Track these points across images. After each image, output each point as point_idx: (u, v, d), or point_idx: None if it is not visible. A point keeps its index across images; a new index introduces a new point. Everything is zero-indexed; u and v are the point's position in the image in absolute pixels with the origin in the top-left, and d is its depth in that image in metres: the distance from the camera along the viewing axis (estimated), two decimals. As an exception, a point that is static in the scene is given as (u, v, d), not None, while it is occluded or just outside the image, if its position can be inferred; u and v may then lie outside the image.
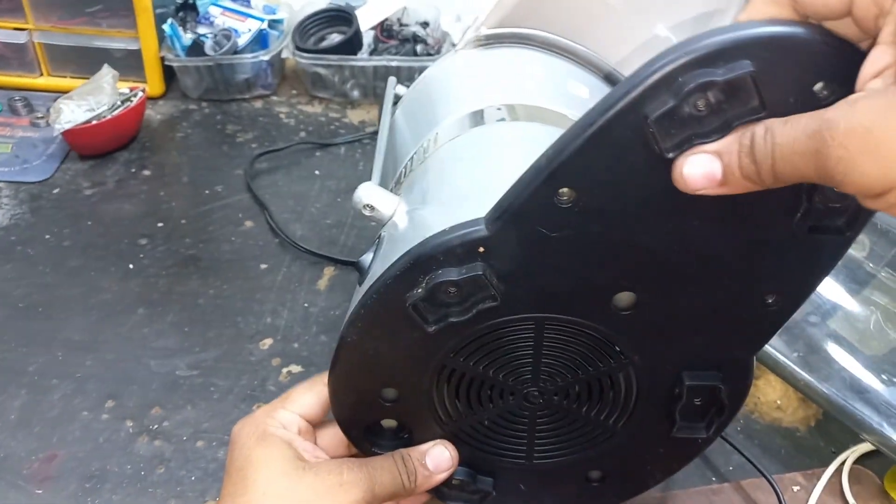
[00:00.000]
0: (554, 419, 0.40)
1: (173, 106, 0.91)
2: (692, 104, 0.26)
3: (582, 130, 0.28)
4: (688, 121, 0.26)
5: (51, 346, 0.60)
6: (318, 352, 0.61)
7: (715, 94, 0.26)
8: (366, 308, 0.34)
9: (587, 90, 0.50)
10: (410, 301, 0.33)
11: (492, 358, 0.37)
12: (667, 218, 0.30)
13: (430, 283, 0.32)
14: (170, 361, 0.60)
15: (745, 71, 0.25)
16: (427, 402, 0.39)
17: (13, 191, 0.77)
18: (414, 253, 0.33)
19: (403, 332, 0.35)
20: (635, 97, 0.27)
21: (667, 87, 0.26)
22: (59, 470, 0.51)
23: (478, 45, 0.54)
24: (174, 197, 0.77)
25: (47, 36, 0.89)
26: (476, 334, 0.35)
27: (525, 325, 0.36)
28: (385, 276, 0.33)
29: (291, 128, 0.89)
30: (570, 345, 0.37)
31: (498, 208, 0.31)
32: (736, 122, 0.26)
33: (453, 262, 0.32)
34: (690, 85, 0.25)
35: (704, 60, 0.25)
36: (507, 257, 0.32)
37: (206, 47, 0.89)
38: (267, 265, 0.69)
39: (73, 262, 0.69)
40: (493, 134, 0.43)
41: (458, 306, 0.34)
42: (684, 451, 0.43)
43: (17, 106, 0.87)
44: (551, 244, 0.31)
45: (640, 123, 0.27)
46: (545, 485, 0.44)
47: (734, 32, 0.25)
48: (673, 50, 0.26)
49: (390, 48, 0.93)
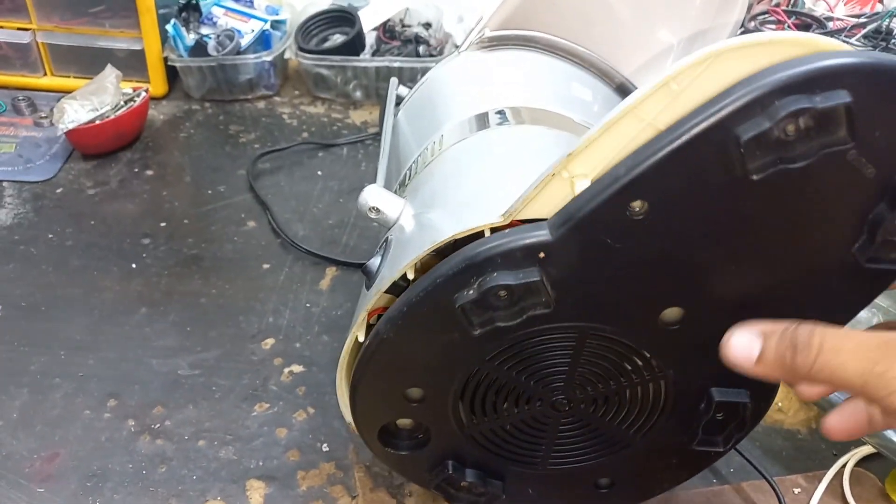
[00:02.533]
0: (575, 427, 0.40)
1: (176, 106, 0.91)
2: (782, 128, 0.26)
3: (665, 143, 0.27)
4: (775, 144, 0.26)
5: (53, 346, 0.60)
6: (319, 351, 0.61)
7: (806, 120, 0.25)
8: (410, 306, 0.33)
9: (590, 93, 0.51)
10: (459, 302, 0.32)
11: (527, 364, 0.36)
12: (734, 238, 0.30)
13: (484, 286, 0.31)
14: (171, 361, 0.60)
15: (842, 101, 0.25)
16: (451, 404, 0.38)
17: (16, 190, 0.77)
18: (469, 254, 0.32)
19: (445, 332, 0.34)
20: (727, 115, 0.26)
21: (761, 109, 0.26)
22: (61, 469, 0.51)
23: (481, 47, 0.54)
24: (177, 197, 0.77)
25: (51, 36, 0.89)
26: (518, 339, 0.35)
27: (568, 334, 0.35)
28: (435, 275, 0.32)
29: (294, 128, 0.89)
30: (608, 356, 0.36)
31: (565, 213, 0.30)
32: (823, 150, 0.26)
33: (510, 265, 0.31)
34: (788, 110, 0.25)
35: (802, 86, 0.25)
36: (566, 264, 0.31)
37: (209, 48, 0.89)
38: (269, 265, 0.69)
39: (75, 261, 0.69)
40: (498, 137, 0.43)
41: (506, 310, 0.33)
42: (696, 462, 0.43)
43: (20, 106, 0.88)
44: (613, 254, 0.31)
45: (728, 142, 0.26)
46: (554, 489, 0.44)
47: (833, 60, 0.25)
48: (770, 71, 0.26)
49: (393, 49, 0.94)
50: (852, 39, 0.88)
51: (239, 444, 0.54)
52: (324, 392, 0.58)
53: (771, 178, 0.27)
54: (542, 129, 0.43)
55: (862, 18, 0.91)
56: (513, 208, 0.33)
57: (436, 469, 0.42)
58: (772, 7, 0.94)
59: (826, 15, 0.93)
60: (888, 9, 0.91)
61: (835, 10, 0.94)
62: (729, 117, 0.26)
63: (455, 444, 0.41)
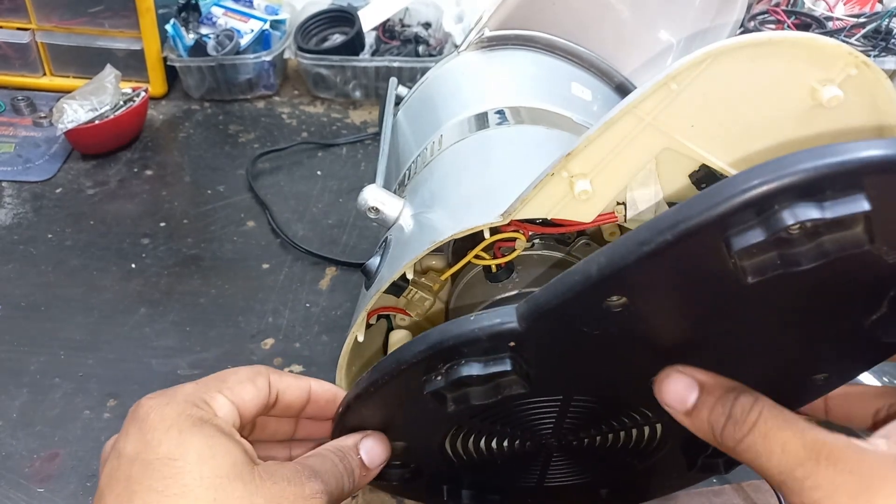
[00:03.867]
0: (570, 456, 0.39)
1: (175, 106, 0.91)
2: (786, 231, 0.21)
3: (643, 243, 0.23)
4: (775, 244, 0.22)
5: (52, 346, 0.60)
6: (319, 351, 0.61)
7: (814, 225, 0.21)
8: (376, 387, 0.31)
9: (590, 93, 0.50)
10: (428, 389, 0.30)
11: (511, 421, 0.35)
12: (729, 322, 0.27)
13: (452, 376, 0.29)
14: (171, 361, 0.60)
15: (860, 211, 0.20)
16: (437, 451, 0.37)
17: (16, 190, 0.77)
18: (433, 340, 0.29)
19: (418, 406, 0.32)
20: (715, 218, 0.22)
21: (757, 213, 0.21)
22: (61, 469, 0.51)
23: (480, 47, 0.54)
24: (176, 197, 0.77)
25: (50, 36, 0.89)
26: (497, 407, 0.33)
27: (552, 399, 0.33)
28: (399, 360, 0.30)
29: (293, 128, 0.89)
30: (598, 412, 0.35)
31: (534, 304, 0.27)
32: (834, 253, 0.21)
33: (478, 353, 0.29)
34: (788, 222, 0.21)
35: (809, 189, 0.20)
36: (540, 350, 0.29)
37: (208, 47, 0.89)
38: (268, 265, 0.69)
39: (74, 261, 0.69)
40: (497, 137, 0.43)
41: (480, 387, 0.30)
42: (697, 477, 0.43)
43: (20, 105, 0.88)
44: (590, 339, 0.28)
45: (717, 247, 0.22)
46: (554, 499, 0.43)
47: (848, 155, 0.20)
48: (769, 168, 0.21)
49: (392, 49, 0.94)
50: (852, 39, 0.88)
51: (238, 443, 0.54)
52: (323, 392, 0.58)
53: (770, 281, 0.23)
54: (542, 128, 0.43)
55: (861, 18, 0.91)
56: (512, 208, 0.33)
57: (432, 493, 0.41)
58: (771, 7, 0.94)
59: (825, 15, 0.93)
60: (888, 9, 0.91)
61: (834, 9, 0.94)
62: (719, 221, 0.22)
63: (447, 473, 0.40)
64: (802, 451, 0.23)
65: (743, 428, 0.25)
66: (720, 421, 0.26)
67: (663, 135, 0.31)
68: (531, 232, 0.38)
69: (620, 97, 0.54)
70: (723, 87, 0.30)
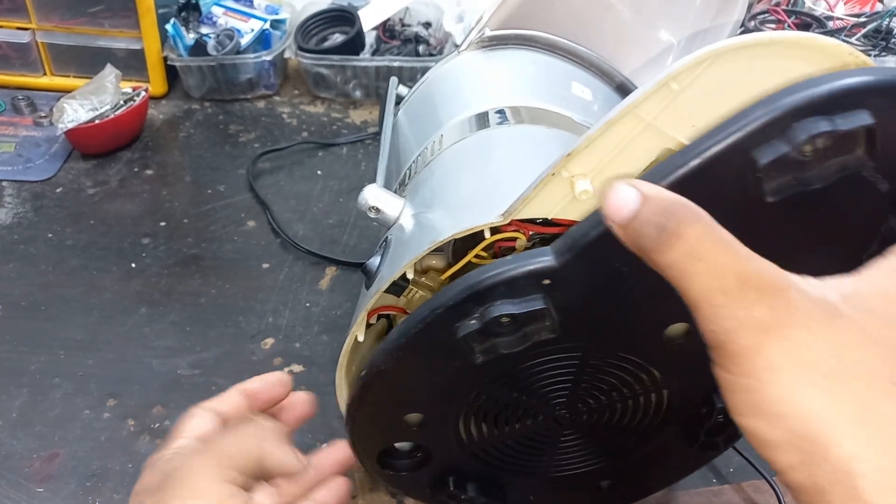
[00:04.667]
0: (577, 437, 0.40)
1: (176, 105, 0.91)
2: (800, 150, 0.24)
3: (679, 164, 0.26)
4: (792, 165, 0.25)
5: (52, 345, 0.60)
6: (319, 351, 0.61)
7: (824, 140, 0.24)
8: (407, 337, 0.32)
9: (590, 92, 0.50)
10: (462, 332, 0.31)
11: (530, 385, 0.36)
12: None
13: (487, 316, 0.30)
14: (171, 360, 0.60)
15: (864, 124, 0.24)
16: (452, 426, 0.38)
17: (16, 190, 0.77)
18: (471, 282, 0.30)
19: (446, 362, 0.33)
20: (744, 137, 0.25)
21: (780, 132, 0.25)
22: (61, 469, 0.51)
23: (481, 47, 0.54)
24: (176, 196, 0.77)
25: (50, 36, 0.89)
26: (521, 363, 0.34)
27: (573, 354, 0.34)
28: (434, 305, 0.31)
29: (294, 128, 0.89)
30: (612, 370, 0.36)
31: (570, 238, 0.29)
32: (840, 171, 0.25)
33: (513, 293, 0.30)
34: (808, 134, 0.24)
35: (822, 106, 0.24)
36: (572, 289, 0.30)
37: (208, 47, 0.89)
38: (269, 265, 0.69)
39: (75, 261, 0.69)
40: (498, 137, 0.43)
41: (509, 336, 0.31)
42: (692, 460, 0.43)
43: (20, 105, 0.88)
44: (620, 278, 0.29)
45: (745, 165, 0.25)
46: (555, 493, 0.43)
47: (853, 79, 0.24)
48: (787, 92, 0.24)
49: (392, 48, 0.94)
50: (852, 39, 0.88)
51: (239, 443, 0.54)
52: (323, 392, 0.57)
53: (787, 200, 0.26)
54: (542, 128, 0.43)
55: (862, 18, 0.91)
56: (512, 208, 0.33)
57: (437, 485, 0.41)
58: (772, 6, 0.94)
59: (826, 14, 0.93)
60: (888, 8, 0.91)
61: (835, 9, 0.94)
62: (746, 139, 0.25)
63: (456, 460, 0.40)
64: (732, 280, 0.21)
65: (672, 241, 0.22)
66: (652, 232, 0.23)
67: (664, 134, 0.31)
68: (532, 232, 0.38)
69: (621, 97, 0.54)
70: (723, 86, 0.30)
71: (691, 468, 0.44)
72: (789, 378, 0.20)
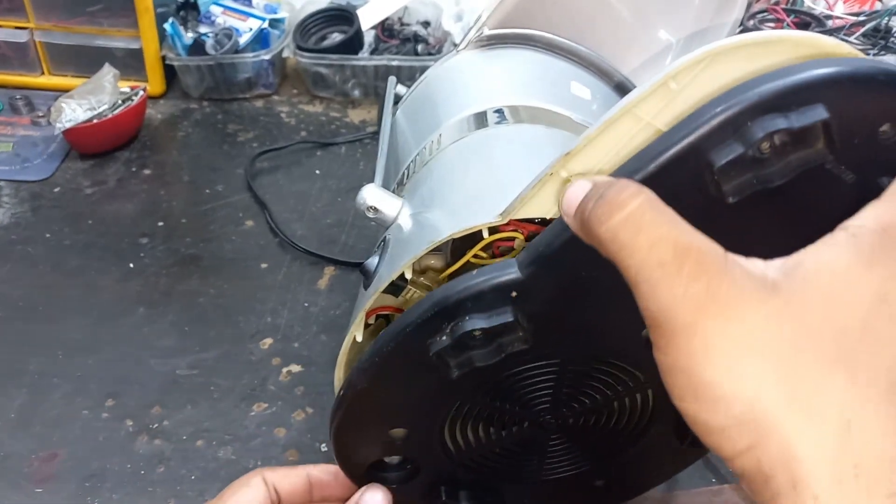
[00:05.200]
0: (566, 441, 0.40)
1: (174, 105, 0.91)
2: (756, 148, 0.24)
3: (633, 172, 0.26)
4: (750, 164, 0.25)
5: (51, 346, 0.60)
6: (318, 351, 0.61)
7: (781, 136, 0.24)
8: (381, 356, 0.32)
9: (590, 92, 0.50)
10: (434, 349, 0.31)
11: (511, 394, 0.36)
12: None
13: (458, 332, 0.30)
14: (170, 361, 0.60)
15: (819, 119, 0.24)
16: (437, 438, 0.37)
17: (14, 189, 0.77)
18: (438, 298, 0.30)
19: (422, 377, 0.33)
20: (697, 140, 0.25)
21: (734, 131, 0.24)
22: (60, 469, 0.51)
23: (480, 46, 0.54)
24: (175, 196, 0.77)
25: (48, 35, 0.89)
26: (498, 374, 0.34)
27: (551, 362, 0.34)
28: (404, 323, 0.31)
29: (292, 127, 0.89)
30: (593, 374, 0.36)
31: (533, 251, 0.29)
32: (800, 166, 0.24)
33: (482, 307, 0.30)
34: (763, 132, 0.24)
35: (775, 104, 0.24)
36: (540, 300, 0.30)
37: (207, 46, 0.89)
38: (267, 265, 0.69)
39: (73, 261, 0.69)
40: (496, 136, 0.42)
41: (483, 349, 0.31)
42: (686, 456, 0.43)
43: (18, 105, 0.87)
44: (588, 284, 0.29)
45: (700, 168, 0.25)
46: (551, 495, 0.43)
47: (806, 74, 0.24)
48: (739, 90, 0.24)
49: (391, 47, 0.93)
50: (851, 38, 0.88)
51: (237, 444, 0.54)
52: (322, 392, 0.57)
53: (749, 198, 0.26)
54: (541, 127, 0.43)
55: (861, 17, 0.91)
56: (511, 208, 0.33)
57: (429, 496, 0.41)
58: (771, 5, 0.94)
59: (825, 13, 0.93)
60: (887, 7, 0.91)
61: (834, 8, 0.94)
62: (700, 141, 0.25)
63: (446, 470, 0.40)
64: (670, 253, 0.20)
65: (610, 212, 0.22)
66: (592, 204, 0.22)
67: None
68: (530, 231, 0.38)
69: (620, 96, 0.54)
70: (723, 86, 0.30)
71: (686, 463, 0.44)
72: (727, 359, 0.19)
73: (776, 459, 0.19)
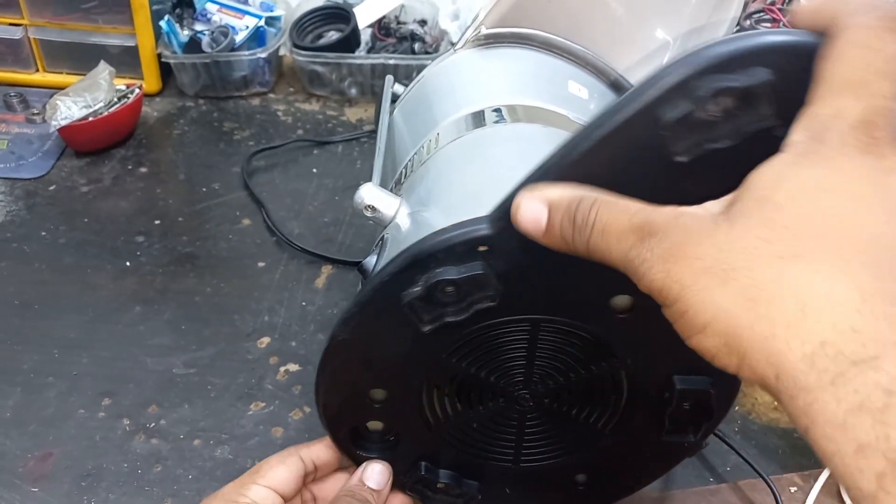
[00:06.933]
0: (543, 422, 0.40)
1: (170, 103, 0.91)
2: (706, 110, 0.26)
3: (593, 130, 0.28)
4: (700, 126, 0.26)
5: (46, 344, 0.60)
6: (315, 350, 0.61)
7: (730, 100, 0.25)
8: (360, 306, 0.34)
9: (587, 91, 0.50)
10: (407, 299, 0.33)
11: (485, 359, 0.37)
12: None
13: (429, 282, 0.32)
14: (166, 359, 0.59)
15: (763, 79, 0.25)
16: (416, 405, 0.39)
17: (8, 187, 0.76)
18: (413, 251, 0.32)
19: (397, 331, 0.35)
20: (650, 100, 0.26)
21: (683, 92, 0.26)
22: (55, 468, 0.51)
23: (477, 45, 0.54)
24: (171, 194, 0.77)
25: (43, 32, 0.88)
26: (471, 335, 0.35)
27: (520, 327, 0.35)
28: (382, 274, 0.33)
29: (289, 125, 0.88)
30: (565, 346, 0.37)
31: (503, 207, 0.30)
32: (747, 129, 0.26)
33: (453, 260, 0.32)
34: (708, 89, 0.25)
35: (722, 66, 0.25)
36: (508, 257, 0.32)
37: (203, 44, 0.88)
38: (264, 263, 0.69)
39: (68, 259, 0.68)
40: (494, 135, 0.43)
41: (454, 306, 0.33)
42: (670, 455, 0.43)
43: (12, 102, 0.87)
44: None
45: (653, 126, 0.27)
46: (531, 489, 0.44)
47: (752, 40, 0.25)
48: (690, 55, 0.26)
49: (388, 46, 0.93)
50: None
51: (234, 443, 0.53)
52: (319, 391, 0.57)
53: (700, 159, 0.27)
54: (539, 126, 0.43)
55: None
56: (509, 207, 0.33)
57: (409, 471, 0.42)
58: (767, 5, 0.94)
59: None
60: (883, 7, 0.91)
61: (830, 7, 0.94)
62: (652, 102, 0.26)
63: (427, 444, 0.41)
64: (632, 236, 0.24)
65: (585, 231, 0.26)
66: (568, 232, 0.26)
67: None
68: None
69: (616, 94, 0.54)
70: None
71: (667, 463, 0.44)
72: (696, 289, 0.22)
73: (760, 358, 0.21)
